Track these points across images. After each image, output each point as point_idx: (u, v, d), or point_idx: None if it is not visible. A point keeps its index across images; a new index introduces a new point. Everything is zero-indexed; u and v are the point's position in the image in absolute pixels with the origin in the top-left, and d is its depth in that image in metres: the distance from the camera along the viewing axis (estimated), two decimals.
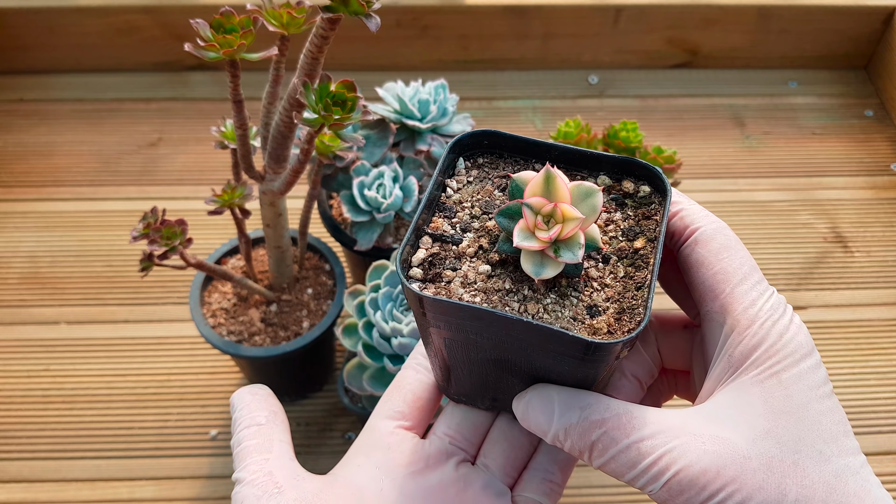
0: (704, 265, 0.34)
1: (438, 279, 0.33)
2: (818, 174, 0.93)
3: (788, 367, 0.31)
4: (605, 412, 0.32)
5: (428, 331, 0.35)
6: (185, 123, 0.96)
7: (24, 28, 0.95)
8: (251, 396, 0.41)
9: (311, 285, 0.67)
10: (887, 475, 0.69)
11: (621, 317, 0.32)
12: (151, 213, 0.53)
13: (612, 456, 0.31)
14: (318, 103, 0.44)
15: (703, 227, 0.35)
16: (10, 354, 0.75)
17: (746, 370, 0.31)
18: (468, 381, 0.37)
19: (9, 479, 0.67)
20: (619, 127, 0.71)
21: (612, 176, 0.37)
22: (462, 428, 0.40)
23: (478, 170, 0.38)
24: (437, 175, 0.36)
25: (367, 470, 0.38)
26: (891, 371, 0.75)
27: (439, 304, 0.31)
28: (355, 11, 0.40)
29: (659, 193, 0.36)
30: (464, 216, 0.36)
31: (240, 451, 0.38)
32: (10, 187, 0.89)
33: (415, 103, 0.66)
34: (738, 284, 0.33)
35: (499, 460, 0.39)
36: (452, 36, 0.99)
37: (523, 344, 0.32)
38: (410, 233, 0.34)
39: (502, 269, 0.34)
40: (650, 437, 0.31)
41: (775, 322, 0.32)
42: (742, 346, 0.32)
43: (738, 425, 0.30)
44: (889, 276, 0.83)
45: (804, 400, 0.30)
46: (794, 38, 1.01)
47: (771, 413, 0.30)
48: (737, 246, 0.34)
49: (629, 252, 0.34)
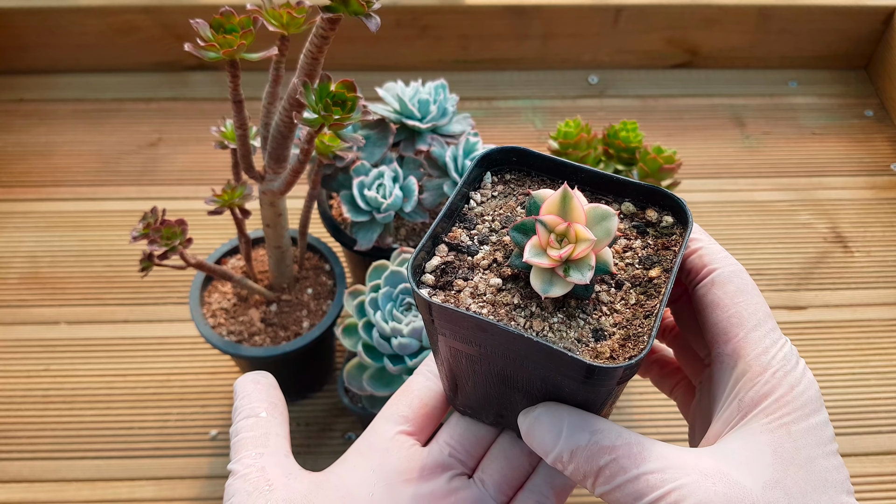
0: (720, 307, 0.34)
1: (449, 287, 0.34)
2: (818, 174, 0.93)
3: (798, 420, 0.31)
4: (616, 439, 0.31)
5: (436, 338, 0.35)
6: (185, 123, 0.96)
7: (24, 28, 0.95)
8: (254, 385, 0.41)
9: (311, 285, 0.67)
10: (887, 475, 0.69)
11: (626, 343, 0.32)
12: (151, 213, 0.53)
13: (619, 484, 0.31)
14: (318, 103, 0.44)
15: (721, 269, 0.35)
16: (10, 354, 0.75)
17: (756, 417, 0.31)
18: (473, 393, 0.38)
19: (9, 479, 0.67)
20: (618, 127, 0.71)
21: (637, 203, 0.37)
22: (464, 439, 0.40)
23: (504, 185, 0.38)
24: (462, 186, 0.36)
25: (361, 472, 0.38)
26: (891, 371, 0.75)
27: (445, 312, 0.32)
28: (355, 11, 0.40)
29: (681, 225, 0.36)
30: (483, 229, 0.36)
31: (237, 442, 0.39)
32: (10, 187, 0.89)
33: (415, 103, 0.66)
34: (753, 330, 0.33)
35: (495, 477, 0.39)
36: (452, 36, 0.99)
37: (525, 360, 0.32)
38: (426, 239, 0.34)
39: (513, 283, 0.34)
40: (660, 471, 0.30)
41: (787, 373, 0.32)
42: (753, 392, 0.32)
43: (748, 471, 0.30)
44: (889, 276, 0.83)
45: (812, 455, 0.31)
46: (794, 38, 1.01)
47: (780, 463, 0.30)
48: (753, 291, 0.34)
49: (643, 280, 0.34)
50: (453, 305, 0.32)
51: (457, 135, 0.68)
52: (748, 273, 0.35)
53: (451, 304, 0.33)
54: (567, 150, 0.70)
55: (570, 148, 0.70)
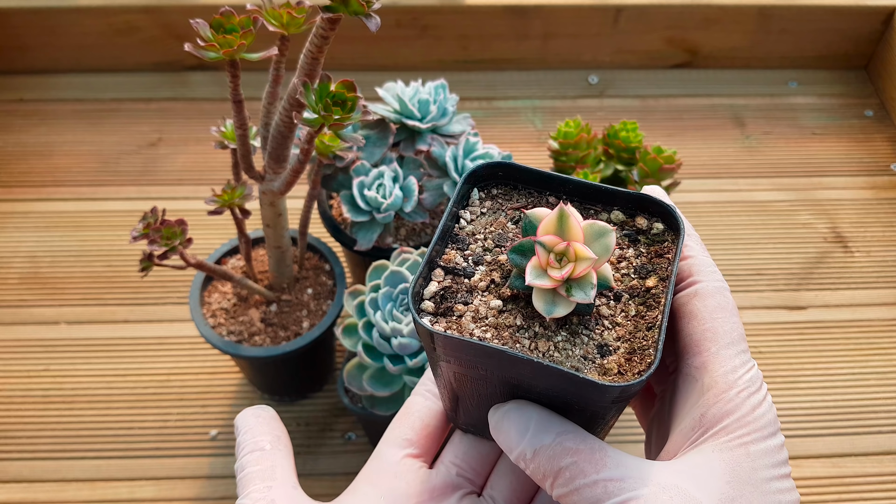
0: (697, 319, 0.34)
1: (450, 313, 0.33)
2: (818, 174, 0.93)
3: (757, 441, 0.31)
4: (580, 443, 0.32)
5: (438, 363, 0.34)
6: (185, 123, 0.96)
7: (24, 28, 0.95)
8: (255, 419, 0.41)
9: (311, 285, 0.67)
10: (887, 475, 0.69)
11: (632, 357, 0.32)
12: (151, 213, 0.53)
13: (577, 487, 0.31)
14: (318, 103, 0.44)
15: (705, 283, 0.35)
16: (10, 354, 0.75)
17: (717, 435, 0.32)
18: (476, 412, 0.37)
19: (9, 479, 0.67)
20: (618, 127, 0.71)
21: (626, 211, 0.37)
22: (469, 457, 0.40)
23: (491, 201, 0.37)
24: (452, 206, 0.35)
25: (372, 499, 0.38)
26: (891, 371, 0.75)
27: (450, 341, 0.31)
28: (355, 11, 0.40)
29: (672, 231, 0.36)
30: (476, 248, 0.36)
31: (243, 477, 0.38)
32: (10, 187, 0.89)
33: (415, 103, 0.66)
34: (725, 347, 0.33)
35: (505, 493, 0.39)
36: (452, 36, 0.99)
37: (534, 381, 0.32)
38: (423, 266, 0.33)
39: (513, 304, 0.33)
40: (620, 479, 0.30)
41: (751, 394, 0.32)
42: (716, 408, 0.32)
43: (705, 487, 0.30)
44: (889, 276, 0.83)
45: (768, 476, 0.31)
46: (794, 38, 1.01)
47: (737, 482, 0.30)
48: (733, 311, 0.34)
49: (641, 291, 0.34)
50: (457, 334, 0.32)
51: (457, 135, 0.68)
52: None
53: (454, 331, 0.32)
54: (567, 150, 0.70)
55: (570, 148, 0.70)
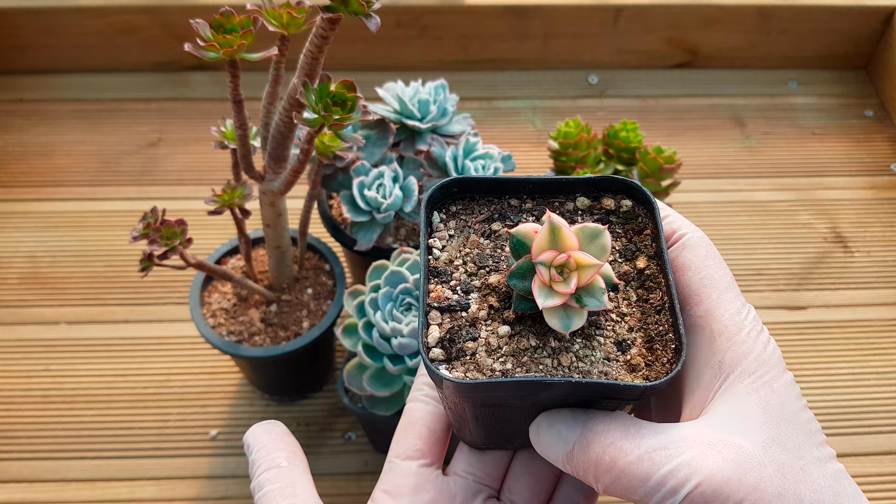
0: (691, 269, 0.34)
1: (462, 354, 0.32)
2: (818, 174, 0.93)
3: (776, 377, 0.31)
4: (609, 422, 0.31)
5: (454, 402, 0.33)
6: (185, 123, 0.96)
7: (24, 28, 0.95)
8: (267, 436, 0.39)
9: (311, 285, 0.67)
10: (887, 475, 0.69)
11: (652, 346, 0.32)
12: (151, 213, 0.53)
13: (622, 469, 0.29)
14: (318, 103, 0.44)
15: (690, 234, 0.35)
16: (10, 354, 0.75)
17: (739, 378, 0.31)
18: (489, 431, 0.37)
19: (9, 479, 0.67)
20: (618, 127, 0.71)
21: (590, 196, 0.36)
22: (483, 464, 0.40)
23: (454, 220, 0.36)
24: (424, 239, 0.34)
25: None
26: (891, 371, 0.75)
27: (479, 387, 0.30)
28: (355, 11, 0.40)
29: (642, 205, 0.36)
30: (460, 276, 0.34)
31: (262, 496, 0.37)
32: (10, 187, 0.89)
33: (415, 103, 0.66)
34: (724, 292, 0.33)
35: (524, 495, 0.39)
36: (452, 36, 0.99)
37: (566, 399, 0.31)
38: (421, 315, 0.32)
39: (522, 325, 0.32)
40: (663, 448, 0.29)
41: (759, 333, 0.32)
42: (732, 352, 0.32)
43: (746, 433, 0.30)
44: (889, 276, 0.83)
45: (795, 408, 0.31)
46: (794, 38, 1.01)
47: (772, 420, 0.30)
48: (720, 257, 0.35)
49: (634, 274, 0.34)
50: (482, 377, 0.31)
51: (457, 135, 0.68)
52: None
53: (472, 371, 0.31)
54: (567, 150, 0.70)
55: (570, 148, 0.70)
